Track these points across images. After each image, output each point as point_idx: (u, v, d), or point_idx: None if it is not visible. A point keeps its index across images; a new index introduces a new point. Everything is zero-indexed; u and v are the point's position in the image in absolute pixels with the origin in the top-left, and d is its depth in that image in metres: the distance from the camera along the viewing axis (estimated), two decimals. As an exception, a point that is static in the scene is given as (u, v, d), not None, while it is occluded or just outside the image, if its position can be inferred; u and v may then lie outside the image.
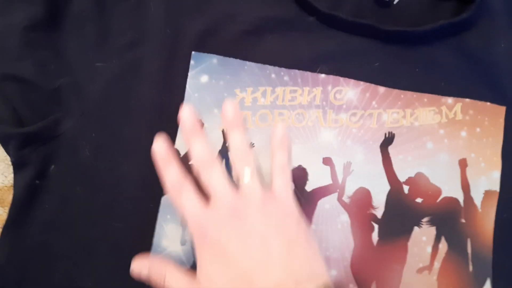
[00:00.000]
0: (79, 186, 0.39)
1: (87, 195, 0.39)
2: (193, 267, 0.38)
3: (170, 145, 0.34)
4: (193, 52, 0.41)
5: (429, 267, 0.39)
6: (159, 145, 0.34)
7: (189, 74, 0.41)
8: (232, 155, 0.34)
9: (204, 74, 0.41)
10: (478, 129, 0.41)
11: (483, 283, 0.39)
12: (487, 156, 0.40)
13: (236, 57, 0.41)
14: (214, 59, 0.41)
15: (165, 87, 0.41)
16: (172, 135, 0.40)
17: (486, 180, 0.40)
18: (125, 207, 0.39)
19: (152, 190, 0.39)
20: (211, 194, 0.33)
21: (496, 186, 0.40)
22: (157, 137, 0.34)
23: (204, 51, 0.41)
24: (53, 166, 0.39)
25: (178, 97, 0.41)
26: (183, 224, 0.39)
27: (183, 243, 0.39)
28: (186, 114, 0.34)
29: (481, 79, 0.41)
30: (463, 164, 0.40)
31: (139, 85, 0.40)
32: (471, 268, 0.39)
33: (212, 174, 0.33)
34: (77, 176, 0.39)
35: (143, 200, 0.39)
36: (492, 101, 0.41)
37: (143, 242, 0.38)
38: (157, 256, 0.38)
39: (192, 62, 0.41)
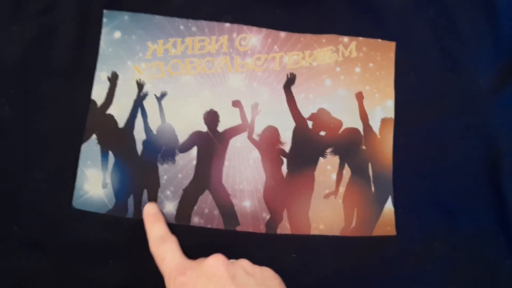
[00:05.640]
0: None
1: (7, 148, 0.41)
2: (115, 207, 0.41)
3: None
4: (104, 11, 0.44)
5: (335, 192, 0.43)
6: (151, 207, 0.40)
7: (102, 31, 0.43)
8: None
9: (116, 30, 0.44)
10: (371, 64, 0.44)
11: (385, 200, 0.43)
12: (380, 87, 0.44)
13: (145, 13, 0.44)
14: (125, 16, 0.44)
15: (79, 45, 0.43)
16: (87, 87, 0.42)
17: (382, 109, 0.44)
18: (45, 157, 0.41)
19: (71, 140, 0.41)
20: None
21: (391, 114, 0.44)
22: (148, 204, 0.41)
23: (115, 9, 0.44)
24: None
25: (92, 53, 0.43)
26: (103, 169, 0.41)
27: (104, 186, 0.41)
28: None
29: (372, 20, 0.45)
30: (359, 96, 0.44)
31: (54, 45, 0.43)
32: (373, 188, 0.43)
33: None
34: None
35: (62, 149, 0.41)
36: (383, 38, 0.45)
37: (65, 187, 0.41)
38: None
39: (104, 20, 0.44)
